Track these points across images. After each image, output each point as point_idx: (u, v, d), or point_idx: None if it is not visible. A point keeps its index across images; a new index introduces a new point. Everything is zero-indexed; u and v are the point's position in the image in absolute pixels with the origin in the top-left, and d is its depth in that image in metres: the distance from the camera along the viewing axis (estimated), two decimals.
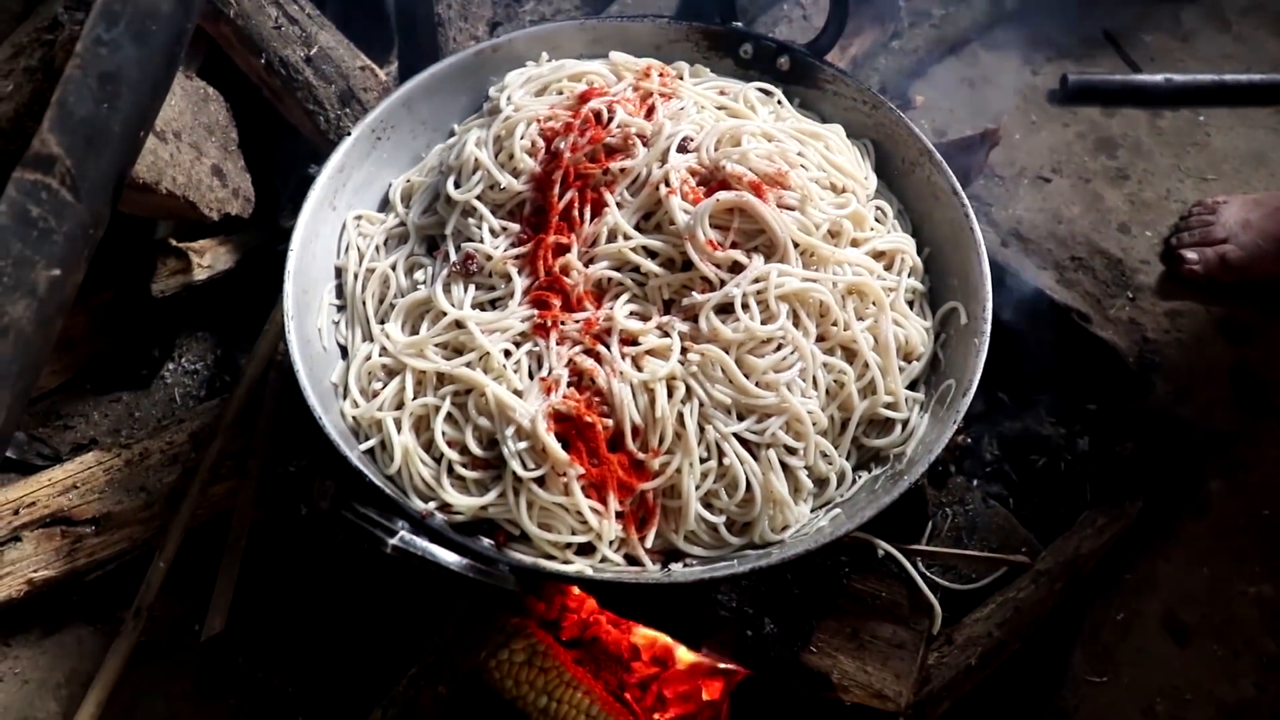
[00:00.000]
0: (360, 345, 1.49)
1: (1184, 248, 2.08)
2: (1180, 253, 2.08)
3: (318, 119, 1.84)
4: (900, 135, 1.62)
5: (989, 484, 1.92)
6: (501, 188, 1.49)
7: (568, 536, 1.33)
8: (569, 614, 1.65)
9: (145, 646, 1.64)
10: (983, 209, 2.18)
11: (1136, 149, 2.34)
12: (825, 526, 1.37)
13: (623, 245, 1.41)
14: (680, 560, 1.38)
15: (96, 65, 1.15)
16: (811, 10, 2.27)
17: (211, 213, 1.70)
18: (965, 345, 1.46)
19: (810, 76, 1.69)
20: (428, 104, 1.66)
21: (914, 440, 1.44)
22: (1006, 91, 2.45)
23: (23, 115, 1.36)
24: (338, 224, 1.59)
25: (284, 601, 1.67)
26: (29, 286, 1.09)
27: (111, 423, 1.90)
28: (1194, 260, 2.06)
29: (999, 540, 1.83)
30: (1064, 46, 2.53)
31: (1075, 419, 1.96)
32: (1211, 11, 2.63)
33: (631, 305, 1.41)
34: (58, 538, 1.63)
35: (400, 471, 1.37)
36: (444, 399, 1.39)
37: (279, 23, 1.79)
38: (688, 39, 1.72)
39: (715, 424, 1.36)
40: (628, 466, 1.34)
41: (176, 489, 1.68)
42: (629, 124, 1.47)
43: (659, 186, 1.42)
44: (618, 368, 1.36)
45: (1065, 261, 2.12)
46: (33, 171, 1.09)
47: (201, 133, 1.71)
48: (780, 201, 1.44)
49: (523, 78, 1.63)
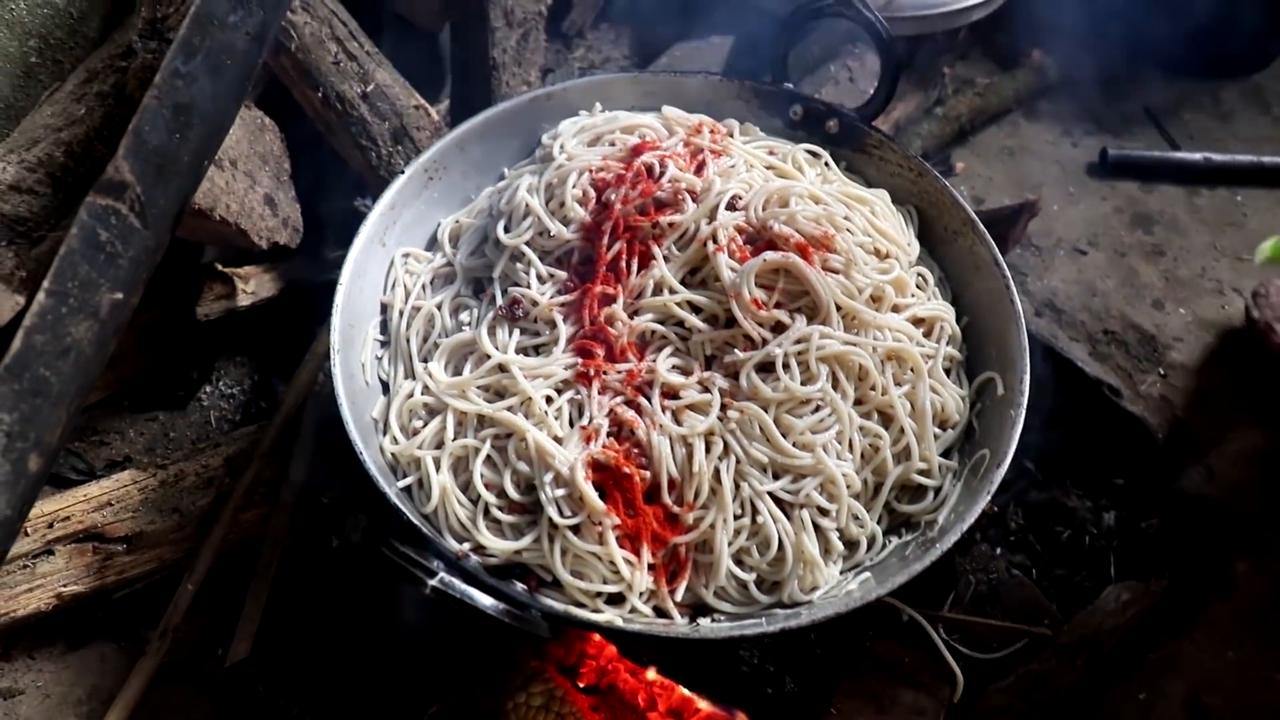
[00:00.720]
0: (403, 382, 1.51)
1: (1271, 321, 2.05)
2: (1270, 324, 2.04)
3: (370, 154, 1.87)
4: (944, 203, 1.64)
5: (1013, 553, 1.91)
6: (551, 235, 1.51)
7: (599, 585, 1.34)
8: (588, 660, 1.65)
9: (168, 668, 1.64)
10: (1018, 278, 2.19)
11: (1173, 226, 2.35)
12: (855, 590, 1.37)
13: (668, 299, 1.43)
14: (708, 615, 1.38)
15: (172, 96, 1.18)
16: (859, 74, 2.30)
17: (261, 241, 1.73)
18: (1001, 416, 1.47)
19: (858, 140, 1.71)
20: (480, 147, 1.69)
21: (946, 508, 1.44)
22: (1046, 162, 2.47)
23: (93, 139, 1.40)
24: (386, 260, 1.61)
25: (309, 631, 1.68)
26: (92, 309, 1.11)
27: (147, 441, 1.92)
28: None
29: (1021, 611, 1.82)
30: (1104, 120, 2.56)
31: (1102, 493, 1.96)
32: (1252, 93, 2.65)
33: (674, 359, 1.43)
34: (89, 554, 1.64)
35: (437, 511, 1.39)
36: (484, 441, 1.40)
37: (338, 58, 1.82)
38: (739, 96, 1.74)
39: (751, 481, 1.37)
40: (662, 519, 1.35)
41: (209, 512, 1.69)
42: (680, 179, 1.49)
43: (706, 243, 1.44)
44: (658, 420, 1.37)
45: (1098, 335, 2.13)
46: (105, 197, 1.12)
47: (256, 162, 1.74)
48: (825, 264, 1.46)
49: (576, 127, 1.65)
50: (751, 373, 1.39)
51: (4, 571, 1.60)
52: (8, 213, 1.35)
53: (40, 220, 1.38)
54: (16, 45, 1.53)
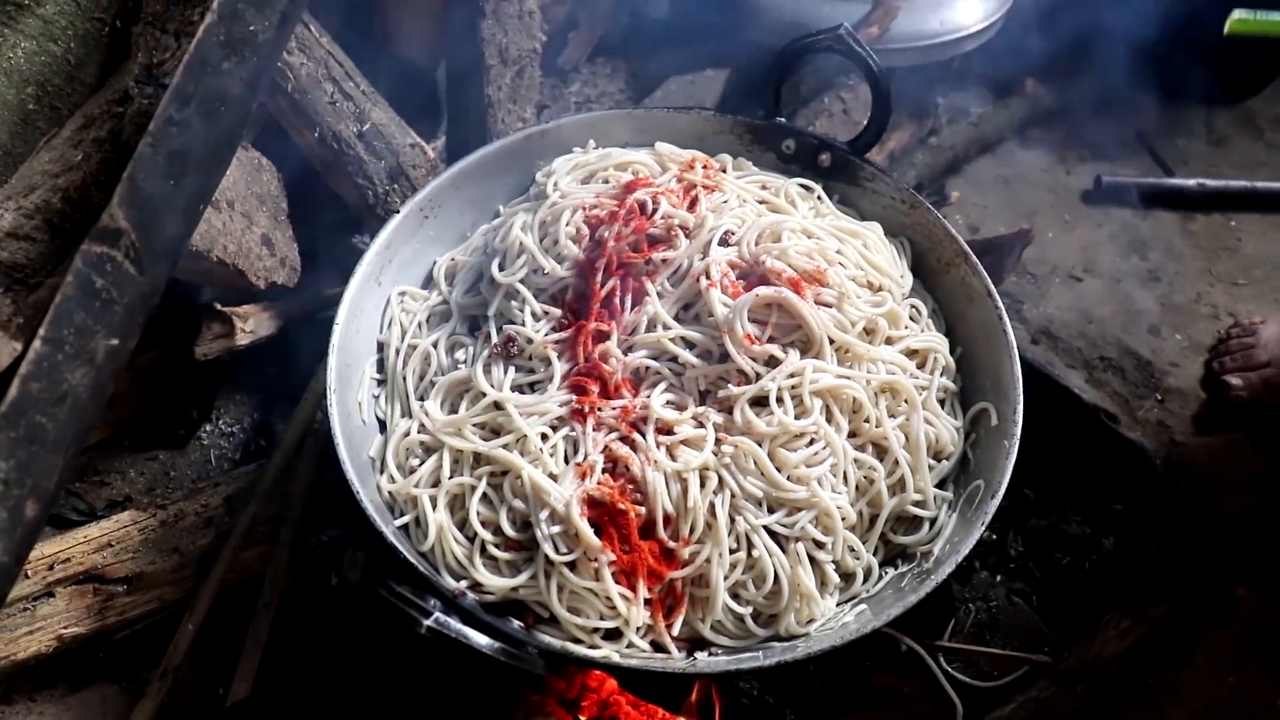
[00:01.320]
0: (399, 421, 1.52)
1: (1227, 373, 2.09)
2: (1225, 379, 2.09)
3: (366, 192, 1.88)
4: (937, 235, 1.65)
5: (1012, 580, 1.92)
6: (545, 272, 1.52)
7: (596, 621, 1.34)
8: (589, 693, 1.65)
9: (169, 708, 1.64)
10: (1014, 306, 2.20)
11: (1168, 251, 2.37)
12: (851, 623, 1.37)
13: (661, 335, 1.44)
14: (706, 649, 1.38)
15: (166, 143, 1.20)
16: (852, 105, 2.32)
17: (259, 281, 1.74)
18: (995, 446, 1.48)
19: (850, 173, 1.73)
20: (475, 185, 1.71)
21: (941, 539, 1.44)
22: (1041, 190, 2.49)
23: (90, 185, 1.41)
24: (382, 299, 1.62)
25: (309, 670, 1.68)
26: (88, 355, 1.13)
27: (147, 481, 1.93)
28: (1239, 386, 2.07)
29: (1021, 638, 1.83)
30: (1098, 148, 2.58)
31: (1101, 519, 1.97)
32: (1244, 119, 2.68)
33: (668, 395, 1.44)
34: (90, 595, 1.65)
35: (434, 549, 1.39)
36: (480, 479, 1.41)
37: (334, 98, 1.84)
38: (732, 131, 1.76)
39: (746, 515, 1.37)
40: (658, 554, 1.36)
41: (209, 552, 1.70)
42: (673, 215, 1.50)
43: (699, 279, 1.45)
44: (652, 456, 1.37)
45: (1095, 361, 2.14)
46: (100, 244, 1.13)
47: (254, 202, 1.76)
48: (818, 298, 1.47)
49: (570, 164, 1.67)
50: (745, 407, 1.40)
51: (4, 615, 1.60)
52: (5, 260, 1.37)
53: (38, 266, 1.39)
54: (14, 93, 1.55)
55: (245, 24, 1.28)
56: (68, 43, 1.58)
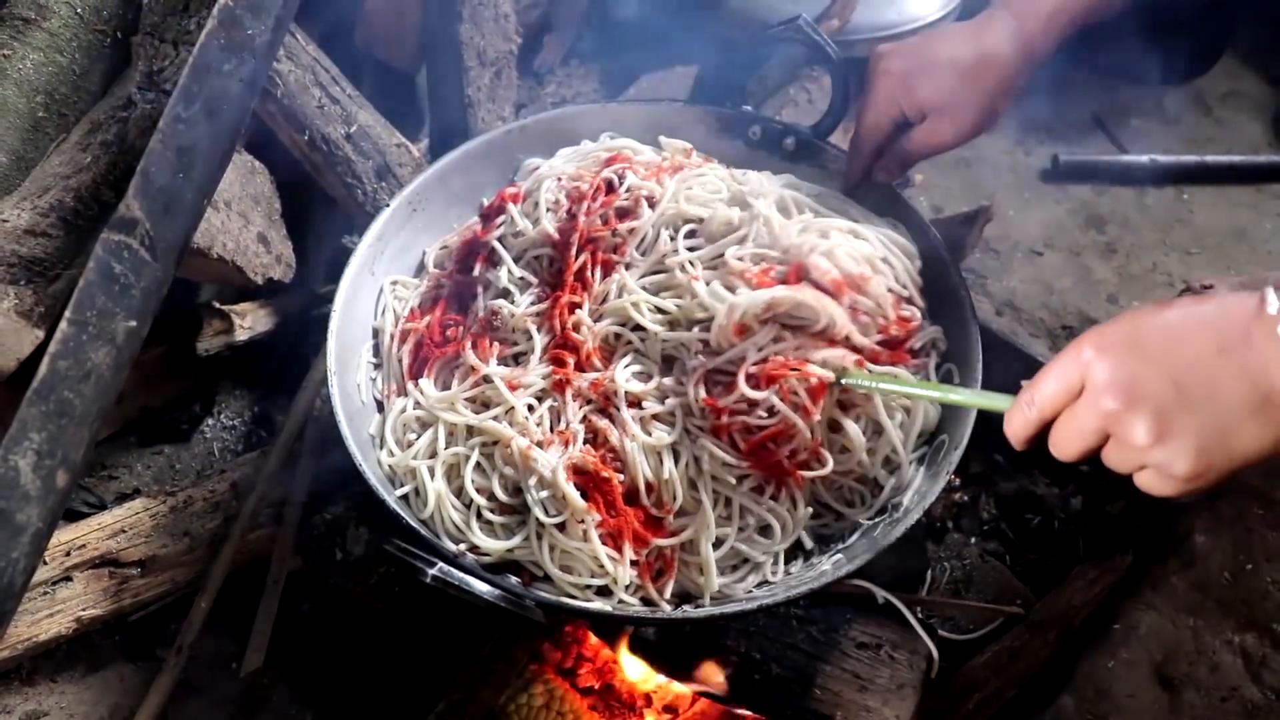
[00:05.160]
0: (395, 400, 1.59)
1: None
2: None
3: (355, 191, 1.96)
4: (897, 211, 1.74)
5: (986, 541, 2.00)
6: (520, 233, 1.60)
7: (586, 579, 1.40)
8: (585, 662, 1.73)
9: (185, 684, 1.72)
10: (978, 281, 2.29)
11: (1124, 225, 2.46)
12: (828, 569, 1.45)
13: (624, 300, 1.49)
14: (692, 603, 1.45)
15: (175, 139, 1.28)
16: (817, 95, 2.40)
17: (256, 277, 1.82)
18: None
19: (814, 156, 1.79)
20: (460, 178, 1.77)
21: (910, 490, 1.51)
22: (1001, 170, 2.58)
23: (99, 184, 1.49)
24: (375, 289, 1.69)
25: (318, 641, 1.76)
26: (110, 335, 1.21)
27: (154, 474, 2.01)
28: None
29: (995, 593, 1.91)
30: (1055, 129, 2.67)
31: (1068, 480, 2.05)
32: (1194, 97, 2.78)
33: (635, 366, 1.50)
34: (106, 578, 1.73)
35: (433, 516, 1.46)
36: (473, 449, 1.48)
37: (322, 103, 1.92)
38: (701, 121, 1.83)
39: (727, 481, 1.44)
40: (644, 520, 1.42)
41: (218, 534, 1.78)
42: (639, 187, 1.57)
43: (666, 258, 1.50)
44: (630, 430, 1.44)
45: (1057, 330, 2.23)
46: (118, 233, 1.22)
47: (249, 202, 1.84)
48: (854, 305, 1.47)
49: (570, 152, 1.75)
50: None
51: (25, 598, 1.67)
52: (25, 255, 1.45)
53: (55, 260, 1.47)
54: (25, 101, 1.63)
55: (243, 28, 1.37)
56: (73, 54, 1.66)
